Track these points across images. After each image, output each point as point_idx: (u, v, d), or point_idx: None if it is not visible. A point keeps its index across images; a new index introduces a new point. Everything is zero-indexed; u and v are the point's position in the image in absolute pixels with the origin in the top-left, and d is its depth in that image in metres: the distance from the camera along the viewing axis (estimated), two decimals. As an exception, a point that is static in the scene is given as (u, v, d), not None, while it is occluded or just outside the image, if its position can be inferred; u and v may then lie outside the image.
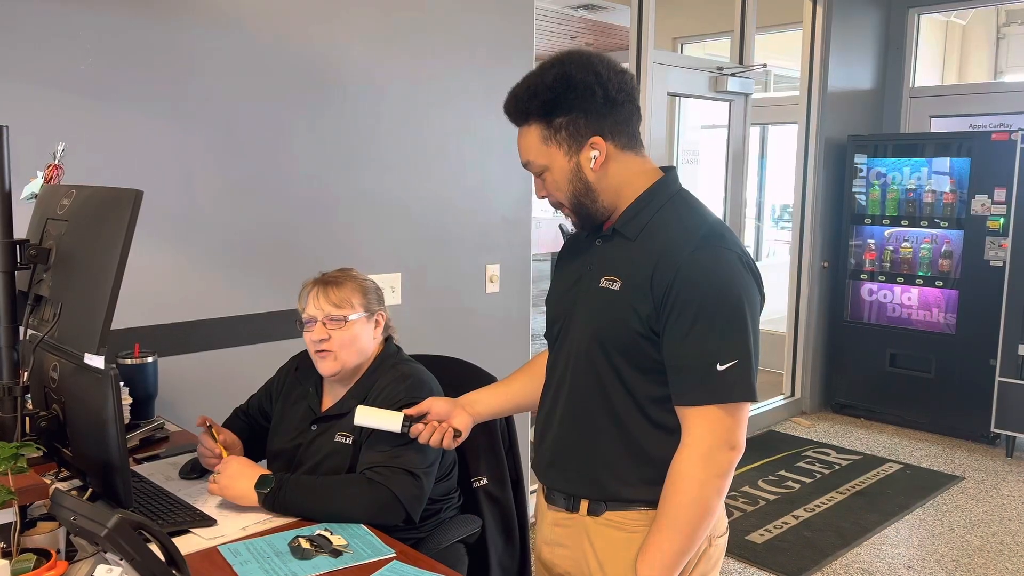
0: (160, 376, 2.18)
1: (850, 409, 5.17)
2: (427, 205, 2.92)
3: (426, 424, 1.56)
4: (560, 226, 8.28)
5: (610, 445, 1.36)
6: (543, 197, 1.41)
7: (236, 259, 2.43)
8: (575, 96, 1.30)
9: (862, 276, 5.10)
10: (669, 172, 1.40)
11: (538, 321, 3.56)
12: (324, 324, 1.72)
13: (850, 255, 5.14)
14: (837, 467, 4.24)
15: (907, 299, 4.97)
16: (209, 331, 2.38)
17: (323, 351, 1.72)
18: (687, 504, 1.28)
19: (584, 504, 1.39)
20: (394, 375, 1.76)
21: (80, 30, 2.08)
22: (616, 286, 1.32)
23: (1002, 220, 4.44)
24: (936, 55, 8.18)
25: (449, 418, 1.58)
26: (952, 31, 8.38)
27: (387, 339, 1.84)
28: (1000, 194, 4.46)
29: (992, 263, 4.51)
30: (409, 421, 1.56)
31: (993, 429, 4.44)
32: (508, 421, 2.04)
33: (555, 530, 1.45)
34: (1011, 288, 4.35)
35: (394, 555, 1.43)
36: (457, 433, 1.58)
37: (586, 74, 1.30)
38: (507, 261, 3.21)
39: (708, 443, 1.27)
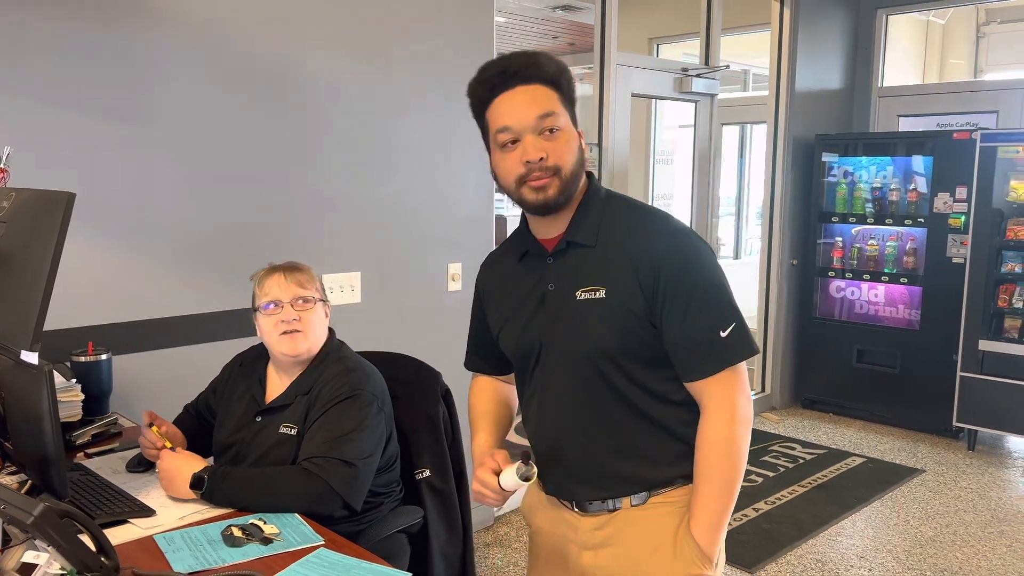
0: (117, 373, 2.23)
1: (819, 405, 5.25)
2: (387, 205, 2.97)
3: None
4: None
5: (640, 441, 1.39)
6: (538, 159, 1.30)
7: (193, 259, 2.48)
8: (573, 87, 1.38)
9: (830, 273, 5.18)
10: (591, 175, 1.45)
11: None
12: (292, 305, 1.78)
13: (818, 253, 5.22)
14: (801, 461, 4.32)
15: (874, 296, 5.05)
16: (166, 330, 2.43)
17: (293, 331, 1.78)
18: (728, 465, 1.35)
19: (626, 500, 1.41)
20: (339, 368, 1.82)
21: (30, 35, 2.13)
22: (601, 294, 1.34)
23: (963, 218, 4.52)
24: (917, 54, 8.28)
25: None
26: (933, 31, 8.47)
27: (331, 332, 1.90)
28: (962, 192, 4.54)
29: (954, 260, 4.59)
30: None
31: (955, 423, 4.52)
32: (451, 415, 2.10)
33: (597, 534, 1.44)
34: (971, 284, 4.43)
35: (322, 543, 1.49)
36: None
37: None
38: (469, 260, 3.27)
39: (731, 403, 1.34)
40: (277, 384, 1.85)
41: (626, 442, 1.38)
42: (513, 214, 8.84)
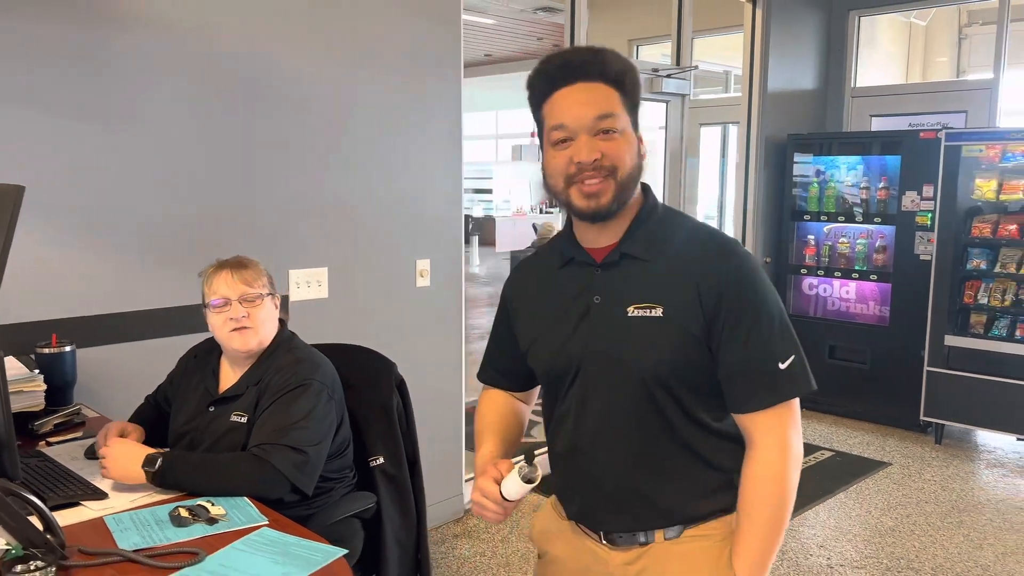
0: (84, 365, 2.29)
1: (793, 400, 5.31)
2: (355, 202, 3.03)
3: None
4: (533, 225, 8.40)
5: (680, 472, 1.32)
6: (591, 160, 1.24)
7: (159, 255, 2.54)
8: (638, 89, 1.31)
9: (803, 271, 5.26)
10: (647, 187, 1.37)
11: (472, 316, 3.67)
12: (240, 303, 1.84)
13: (791, 251, 5.30)
14: (771, 455, 4.38)
15: (845, 293, 5.13)
16: (132, 323, 2.49)
17: (242, 328, 1.84)
18: (777, 503, 1.28)
19: (659, 534, 1.33)
20: (289, 359, 1.88)
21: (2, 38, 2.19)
22: (658, 312, 1.26)
23: (930, 215, 4.61)
24: (901, 55, 8.37)
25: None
26: (916, 32, 8.57)
27: (282, 323, 1.96)
28: (928, 190, 4.62)
29: (922, 257, 4.67)
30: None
31: (922, 418, 4.60)
32: (405, 404, 2.16)
33: (627, 569, 1.36)
34: (937, 281, 4.51)
35: (266, 523, 1.55)
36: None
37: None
38: (437, 256, 3.34)
39: (783, 439, 1.27)
40: (230, 375, 1.91)
41: (665, 470, 1.31)
42: (503, 214, 8.92)
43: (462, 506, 3.58)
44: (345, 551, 1.43)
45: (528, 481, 1.26)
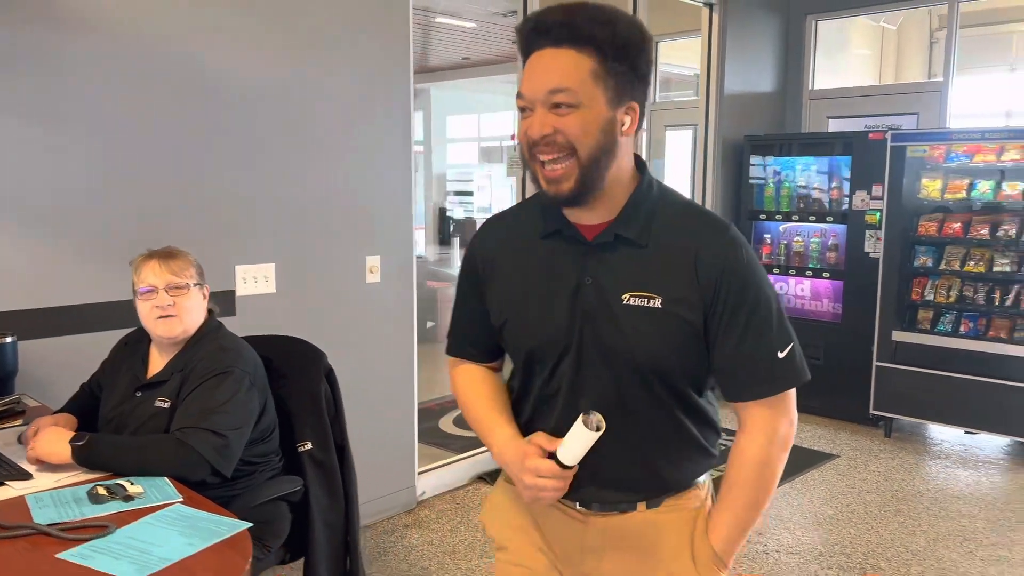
0: (27, 357, 2.37)
1: (751, 396, 5.43)
2: (304, 198, 3.11)
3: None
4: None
5: (667, 450, 1.33)
6: (542, 135, 1.17)
7: (104, 250, 2.61)
8: (638, 53, 1.19)
9: (759, 269, 5.37)
10: (642, 164, 1.31)
11: (423, 311, 3.75)
12: (167, 291, 1.93)
13: (749, 249, 5.40)
14: (723, 448, 4.48)
15: (801, 291, 5.25)
16: (75, 316, 2.56)
17: (168, 316, 1.93)
18: (760, 486, 1.32)
19: (642, 504, 1.35)
20: (213, 347, 1.97)
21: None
22: (656, 303, 1.23)
23: (879, 215, 4.73)
24: (874, 58, 8.52)
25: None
26: (888, 35, 8.72)
27: (211, 313, 2.05)
28: (878, 190, 4.74)
29: (871, 255, 4.79)
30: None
31: (872, 411, 4.72)
32: (334, 393, 2.25)
33: (606, 535, 1.36)
34: (885, 278, 4.64)
35: (180, 500, 1.64)
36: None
37: (648, 38, 1.21)
38: (388, 253, 3.42)
39: (774, 426, 1.30)
40: (158, 362, 2.00)
41: (654, 446, 1.32)
42: (483, 216, 8.98)
43: (415, 498, 3.66)
44: (249, 524, 1.52)
45: (598, 428, 1.22)
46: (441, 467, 3.89)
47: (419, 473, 3.72)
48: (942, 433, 4.75)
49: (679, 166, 8.22)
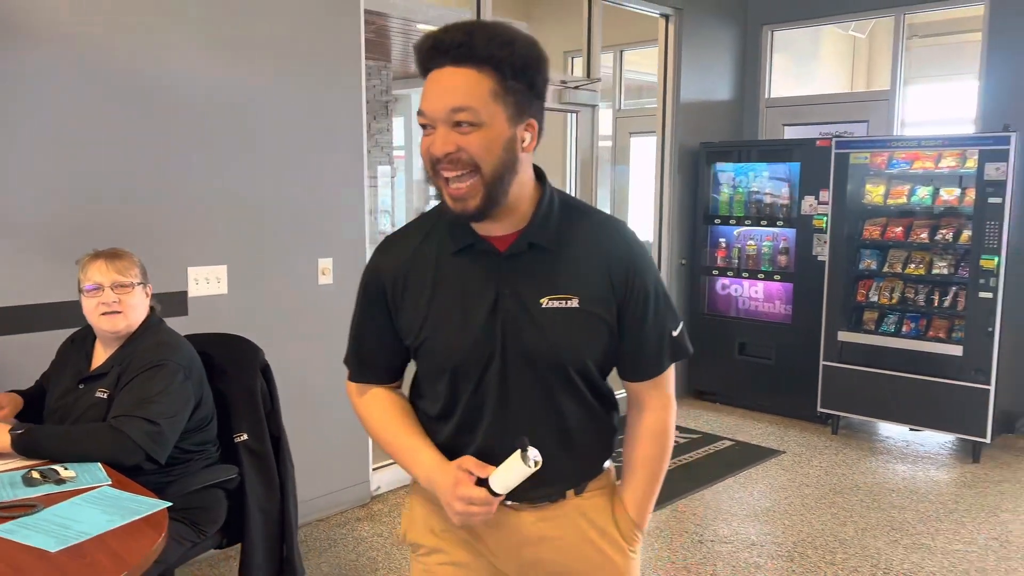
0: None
1: (708, 395, 5.59)
2: (256, 201, 3.23)
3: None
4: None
5: (590, 437, 1.42)
6: (445, 153, 1.20)
7: (55, 252, 2.72)
8: (536, 72, 1.24)
9: (715, 272, 5.53)
10: (542, 174, 1.37)
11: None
12: (112, 289, 2.05)
13: (705, 253, 5.57)
14: (675, 445, 4.63)
15: (754, 292, 5.41)
16: (26, 315, 2.68)
17: (113, 312, 2.05)
18: (663, 454, 1.46)
19: (571, 492, 1.42)
20: (152, 341, 2.10)
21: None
22: (573, 303, 1.30)
23: (826, 219, 4.89)
24: (845, 66, 8.73)
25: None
26: (859, 44, 8.93)
27: (152, 309, 2.17)
28: (825, 195, 4.91)
29: (819, 258, 4.96)
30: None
31: (820, 409, 4.88)
32: (270, 387, 2.37)
33: (540, 525, 1.42)
34: (830, 280, 4.80)
35: (109, 483, 1.76)
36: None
37: (544, 58, 1.25)
38: (340, 254, 3.54)
39: (668, 398, 1.44)
40: (101, 356, 2.13)
41: (576, 442, 1.40)
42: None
43: (368, 493, 3.78)
44: (168, 503, 1.64)
45: (536, 464, 1.26)
46: (395, 463, 4.01)
47: (374, 469, 3.84)
48: (888, 430, 4.91)
49: (644, 172, 8.40)
